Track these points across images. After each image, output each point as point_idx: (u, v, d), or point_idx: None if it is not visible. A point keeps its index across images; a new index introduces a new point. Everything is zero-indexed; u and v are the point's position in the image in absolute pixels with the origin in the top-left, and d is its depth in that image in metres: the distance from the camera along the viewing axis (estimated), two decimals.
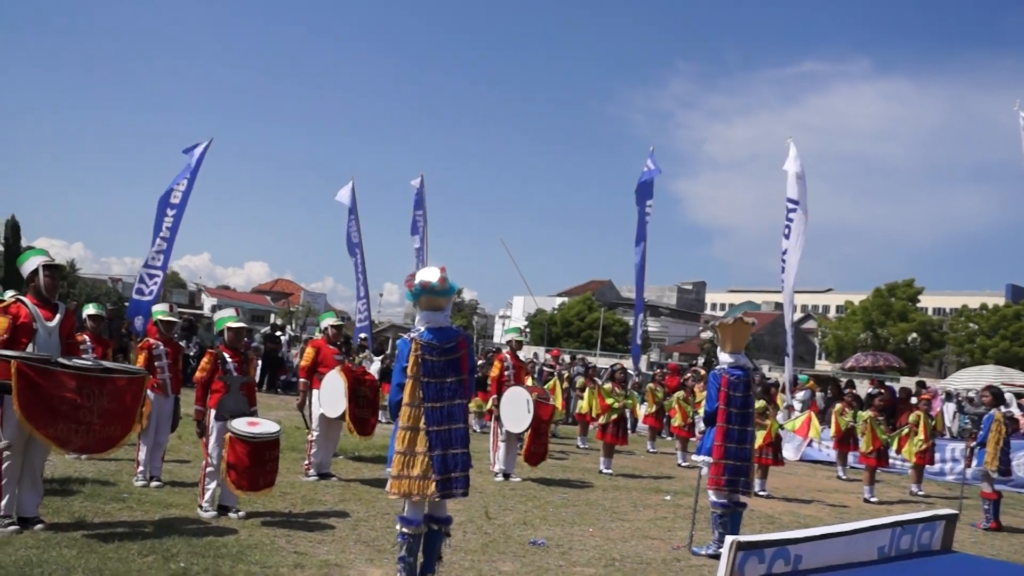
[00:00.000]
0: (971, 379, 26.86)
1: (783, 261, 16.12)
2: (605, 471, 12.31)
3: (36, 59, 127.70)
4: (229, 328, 7.76)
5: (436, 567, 5.59)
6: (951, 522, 3.70)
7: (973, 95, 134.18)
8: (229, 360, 7.58)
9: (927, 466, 13.62)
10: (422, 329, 5.49)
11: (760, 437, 11.54)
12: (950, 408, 20.93)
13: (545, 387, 14.38)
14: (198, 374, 7.56)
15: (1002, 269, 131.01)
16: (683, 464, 14.13)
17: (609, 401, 12.80)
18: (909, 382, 29.80)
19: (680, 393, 15.12)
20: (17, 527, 6.09)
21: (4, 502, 6.13)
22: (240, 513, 7.26)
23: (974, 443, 11.01)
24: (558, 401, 15.33)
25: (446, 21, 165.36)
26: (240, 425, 7.15)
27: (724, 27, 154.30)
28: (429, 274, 5.49)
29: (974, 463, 10.96)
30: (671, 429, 15.82)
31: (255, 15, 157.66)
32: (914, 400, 14.02)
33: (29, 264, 6.56)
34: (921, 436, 12.95)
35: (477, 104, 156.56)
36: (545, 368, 18.29)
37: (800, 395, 18.95)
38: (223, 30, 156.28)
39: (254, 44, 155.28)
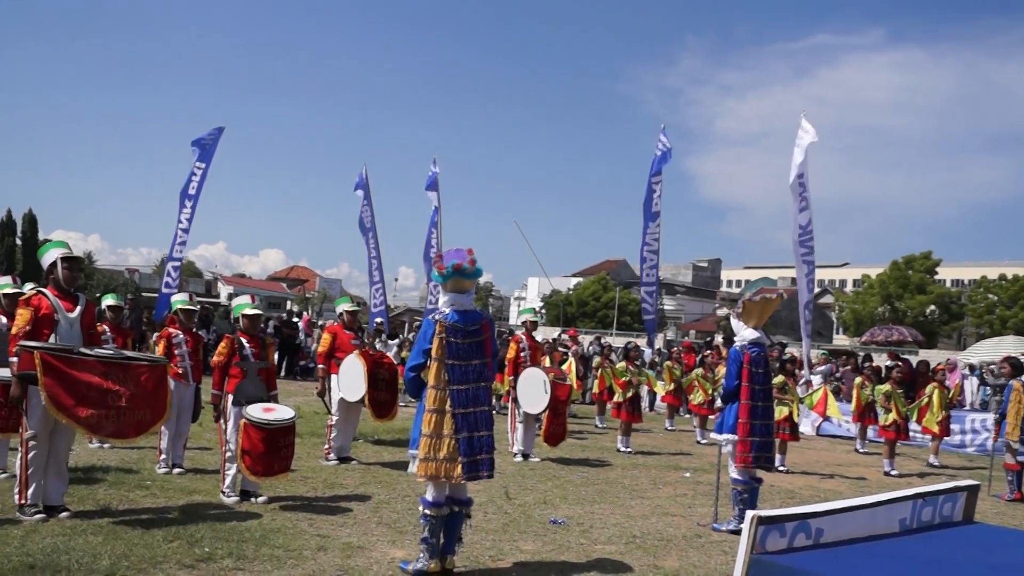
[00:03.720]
0: (991, 350, 26.70)
1: (809, 235, 15.94)
2: (624, 449, 12.34)
3: (49, 52, 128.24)
4: (245, 315, 7.83)
5: (456, 548, 5.64)
6: (973, 493, 3.68)
7: (987, 63, 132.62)
8: (246, 346, 7.63)
9: (945, 438, 13.58)
10: (447, 311, 5.51)
11: (784, 413, 11.53)
12: (973, 380, 20.78)
13: (561, 367, 14.40)
14: (215, 359, 7.61)
15: (1021, 239, 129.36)
16: (702, 441, 14.13)
17: (625, 378, 12.83)
18: (928, 355, 29.66)
19: (699, 370, 15.11)
20: (43, 515, 6.18)
21: (30, 491, 6.22)
22: (262, 498, 7.33)
23: (997, 415, 10.97)
24: (572, 380, 15.35)
25: (457, 3, 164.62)
26: (254, 411, 7.20)
27: (734, 1, 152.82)
28: (459, 256, 5.49)
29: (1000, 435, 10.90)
30: (690, 407, 15.82)
31: (265, 1, 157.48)
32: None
33: (48, 256, 6.63)
34: (936, 408, 12.90)
35: (489, 86, 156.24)
36: (560, 348, 18.25)
37: (821, 369, 18.88)
38: (235, 18, 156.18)
39: (266, 32, 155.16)
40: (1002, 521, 8.81)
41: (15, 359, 6.15)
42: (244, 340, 7.66)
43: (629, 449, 12.35)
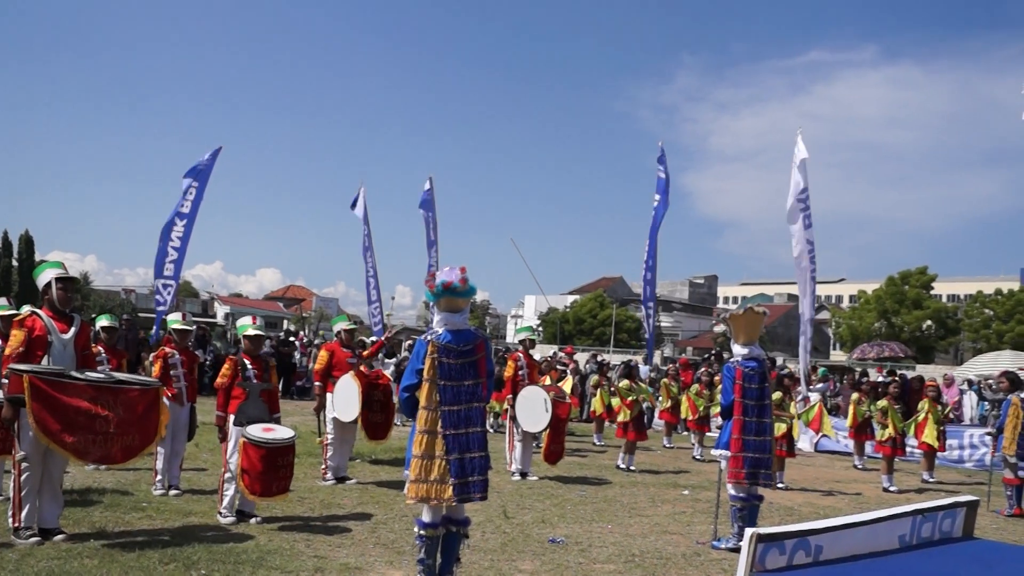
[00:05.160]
0: (988, 365, 26.66)
1: (811, 253, 15.92)
2: (629, 467, 12.23)
3: (45, 72, 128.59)
4: (247, 335, 7.83)
5: (455, 568, 5.60)
6: (972, 509, 3.67)
7: (981, 79, 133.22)
8: (249, 367, 7.63)
9: (941, 453, 13.55)
10: (440, 331, 5.47)
11: (783, 429, 11.48)
12: (972, 395, 20.77)
13: (559, 385, 14.35)
14: (219, 380, 7.63)
15: (1016, 253, 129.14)
16: (699, 458, 14.09)
17: (631, 398, 12.75)
18: (925, 370, 29.67)
19: (695, 387, 15.08)
20: (38, 538, 6.14)
21: (24, 513, 6.18)
22: (256, 519, 7.30)
23: (994, 429, 10.96)
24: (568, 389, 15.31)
25: (453, 20, 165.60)
26: (254, 431, 7.19)
27: (729, 19, 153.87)
28: (451, 275, 5.46)
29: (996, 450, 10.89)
30: (687, 424, 15.78)
31: (261, 20, 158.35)
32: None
33: (43, 277, 6.61)
34: (931, 423, 12.88)
35: (485, 103, 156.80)
36: (558, 366, 18.20)
37: (819, 386, 18.87)
38: (231, 37, 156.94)
39: (261, 51, 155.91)
40: (1002, 537, 8.78)
41: (6, 381, 6.13)
42: (247, 361, 7.66)
43: (633, 467, 12.27)
